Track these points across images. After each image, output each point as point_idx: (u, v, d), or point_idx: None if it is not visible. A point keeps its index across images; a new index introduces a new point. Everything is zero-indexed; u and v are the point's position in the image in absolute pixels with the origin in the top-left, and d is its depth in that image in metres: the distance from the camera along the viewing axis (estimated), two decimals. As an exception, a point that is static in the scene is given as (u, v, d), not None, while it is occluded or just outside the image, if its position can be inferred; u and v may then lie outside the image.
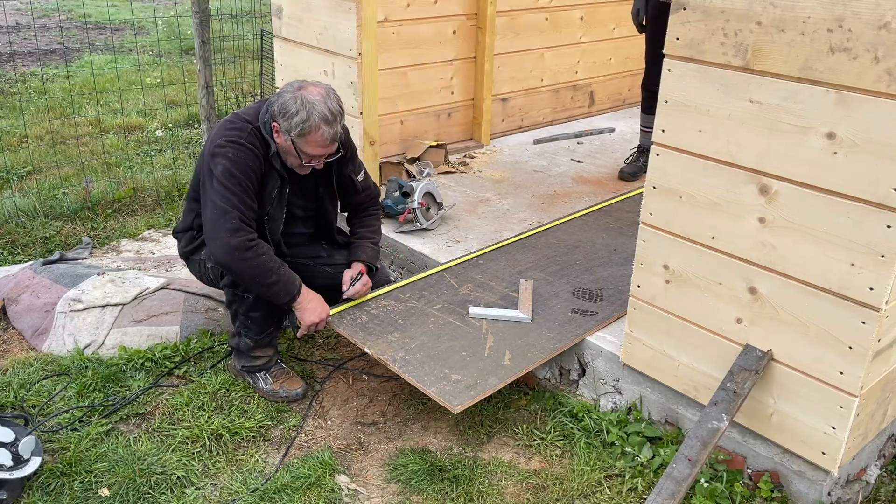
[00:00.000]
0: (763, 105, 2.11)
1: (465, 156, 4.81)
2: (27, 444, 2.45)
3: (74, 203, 4.51)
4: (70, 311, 3.24)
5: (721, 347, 2.40)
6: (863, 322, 2.05)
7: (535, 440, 2.75)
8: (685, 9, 2.21)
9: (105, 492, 2.46)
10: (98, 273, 3.45)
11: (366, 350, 2.77)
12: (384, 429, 2.85)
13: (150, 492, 2.47)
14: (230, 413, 2.84)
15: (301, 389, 2.96)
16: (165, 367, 3.09)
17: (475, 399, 2.55)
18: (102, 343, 3.18)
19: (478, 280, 3.25)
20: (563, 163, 4.76)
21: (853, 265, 2.03)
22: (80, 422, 2.77)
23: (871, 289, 2.01)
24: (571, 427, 2.79)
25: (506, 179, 4.46)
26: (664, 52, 2.30)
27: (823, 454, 2.24)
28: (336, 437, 2.79)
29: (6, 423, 2.55)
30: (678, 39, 2.25)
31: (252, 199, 2.72)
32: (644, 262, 2.54)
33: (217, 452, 2.67)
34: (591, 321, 2.96)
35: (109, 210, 4.54)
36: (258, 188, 2.76)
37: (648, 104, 4.33)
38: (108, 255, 3.96)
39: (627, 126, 5.48)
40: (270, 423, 2.83)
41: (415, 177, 4.06)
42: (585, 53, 5.51)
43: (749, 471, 2.47)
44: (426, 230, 3.73)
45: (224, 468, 2.61)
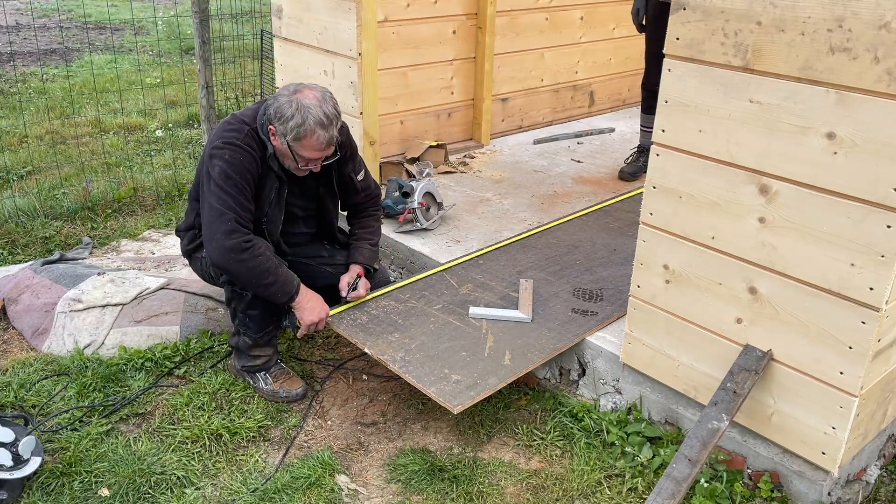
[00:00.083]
0: (763, 105, 2.11)
1: (465, 156, 4.81)
2: (27, 444, 2.45)
3: (74, 203, 4.51)
4: (70, 311, 3.24)
5: (721, 347, 2.40)
6: (863, 322, 2.05)
7: (535, 440, 2.75)
8: (685, 9, 2.21)
9: (105, 492, 2.46)
10: (98, 273, 3.45)
11: (366, 350, 2.78)
12: (384, 429, 2.85)
13: (150, 492, 2.47)
14: (230, 413, 2.84)
15: (301, 389, 2.96)
16: (165, 367, 3.09)
17: (475, 399, 2.55)
18: (102, 343, 3.18)
19: (478, 280, 3.25)
20: (563, 163, 4.76)
21: (853, 265, 2.03)
22: (80, 422, 2.77)
23: (871, 289, 2.01)
24: (571, 427, 2.79)
25: (506, 179, 4.46)
26: (664, 52, 2.30)
27: (823, 454, 2.24)
28: (336, 437, 2.79)
29: (6, 423, 2.55)
30: (678, 39, 2.25)
31: (249, 201, 2.72)
32: (644, 262, 2.54)
33: (217, 452, 2.67)
34: (591, 321, 2.96)
35: (109, 210, 4.54)
36: (256, 189, 2.76)
37: (648, 104, 4.33)
38: (108, 255, 3.96)
39: (627, 126, 5.48)
40: (270, 423, 2.83)
41: (415, 177, 4.06)
42: (585, 53, 5.51)
43: (749, 471, 2.47)
44: (426, 230, 3.73)
45: (224, 468, 2.61)
